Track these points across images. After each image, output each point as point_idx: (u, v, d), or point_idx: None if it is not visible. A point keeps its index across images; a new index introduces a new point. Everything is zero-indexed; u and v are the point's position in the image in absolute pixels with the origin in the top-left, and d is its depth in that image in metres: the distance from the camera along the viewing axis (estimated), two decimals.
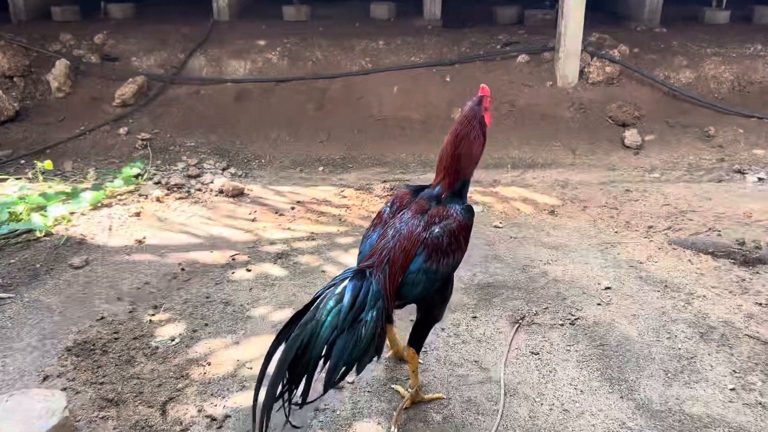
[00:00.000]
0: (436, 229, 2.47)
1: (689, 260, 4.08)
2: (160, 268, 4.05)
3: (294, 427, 2.50)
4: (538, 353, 3.16)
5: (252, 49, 7.61)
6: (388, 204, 2.67)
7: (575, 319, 3.42)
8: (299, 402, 2.35)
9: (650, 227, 4.54)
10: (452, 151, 2.59)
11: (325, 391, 2.34)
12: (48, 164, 5.20)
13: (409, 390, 2.80)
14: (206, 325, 3.44)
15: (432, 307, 2.62)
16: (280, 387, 2.25)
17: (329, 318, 2.25)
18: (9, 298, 3.70)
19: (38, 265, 4.05)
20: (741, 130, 6.27)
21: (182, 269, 4.04)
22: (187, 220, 4.73)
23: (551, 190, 5.24)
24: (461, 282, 3.79)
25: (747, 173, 5.50)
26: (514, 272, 3.91)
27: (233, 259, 4.16)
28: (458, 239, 2.51)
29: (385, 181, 5.48)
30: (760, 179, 5.37)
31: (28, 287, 3.82)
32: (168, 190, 5.19)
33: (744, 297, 3.64)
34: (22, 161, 5.93)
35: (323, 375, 2.32)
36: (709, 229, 4.48)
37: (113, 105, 6.93)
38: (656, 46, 7.58)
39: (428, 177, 5.56)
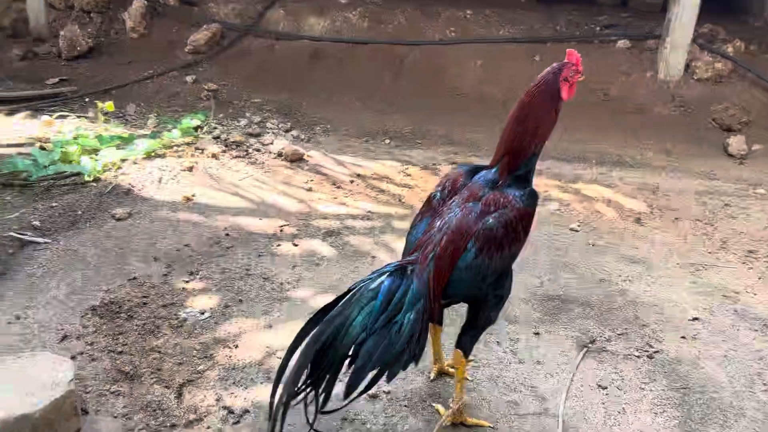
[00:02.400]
0: (490, 220, 2.17)
1: None
2: (204, 231, 3.79)
3: None
4: (607, 387, 2.73)
5: (332, 6, 7.23)
6: (439, 188, 2.37)
7: (654, 352, 2.96)
8: (323, 409, 2.12)
9: (750, 252, 3.97)
10: (514, 127, 2.25)
11: (347, 394, 2.07)
12: (109, 105, 5.02)
13: (451, 405, 2.43)
14: (240, 301, 3.16)
15: (485, 307, 2.30)
16: (298, 385, 2.03)
17: (360, 316, 2.04)
18: (45, 243, 3.52)
19: (80, 212, 3.85)
20: None
21: (226, 234, 3.77)
22: (241, 182, 4.46)
23: (639, 194, 4.70)
24: (525, 289, 3.37)
25: None
26: (588, 286, 3.46)
27: (281, 230, 3.87)
28: (516, 230, 2.21)
29: (453, 163, 5.05)
30: None
31: (66, 234, 3.63)
32: (225, 146, 4.92)
33: None
34: (87, 99, 5.78)
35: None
36: None
37: (185, 51, 6.72)
38: None
39: None
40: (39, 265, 3.34)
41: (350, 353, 2.05)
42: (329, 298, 3.16)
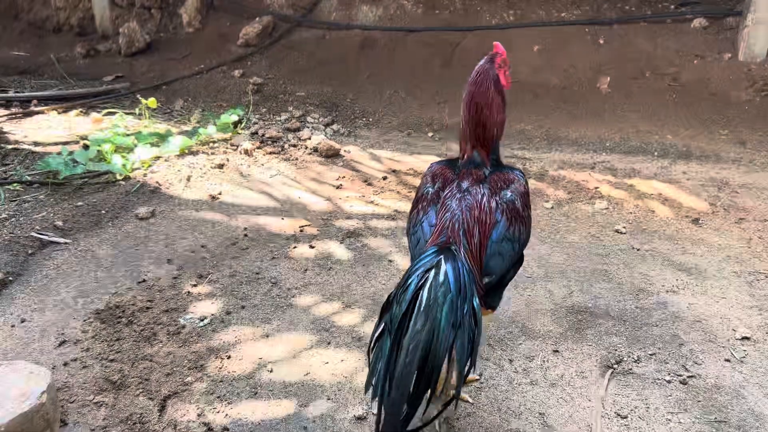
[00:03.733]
0: (509, 194, 2.20)
1: None
2: (223, 231, 3.71)
3: None
4: (626, 417, 2.41)
5: None
6: (427, 184, 2.31)
7: (689, 377, 2.60)
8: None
9: None
10: (475, 120, 2.28)
11: (449, 403, 1.98)
12: (152, 102, 5.05)
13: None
14: (243, 307, 3.04)
15: (501, 285, 2.26)
16: (403, 413, 1.84)
17: (443, 315, 1.84)
18: (65, 243, 3.55)
19: (104, 211, 3.87)
20: None
21: (245, 235, 3.67)
22: (271, 179, 4.35)
23: (702, 190, 4.23)
24: (551, 300, 3.07)
25: None
26: (624, 298, 3.11)
27: (301, 231, 3.73)
28: (526, 202, 2.25)
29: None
30: None
31: (87, 234, 3.64)
32: (261, 142, 4.84)
33: None
34: (138, 95, 5.86)
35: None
36: None
37: (237, 44, 6.71)
38: None
39: (554, 157, 4.75)
40: (55, 266, 3.35)
41: (446, 361, 1.86)
42: (334, 307, 3.05)
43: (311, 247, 3.55)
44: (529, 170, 4.51)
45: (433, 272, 1.91)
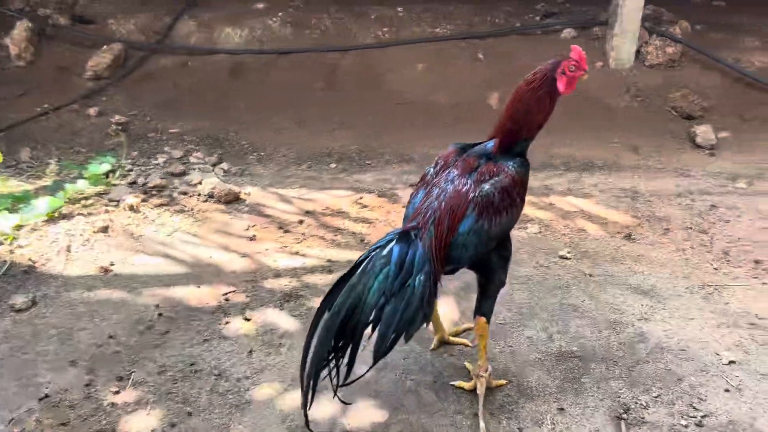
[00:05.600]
0: (486, 186, 2.28)
1: None
2: (131, 312, 3.06)
3: (343, 402, 2.32)
4: None
5: (249, 13, 6.50)
6: (432, 165, 2.46)
7: (702, 417, 2.48)
8: (344, 380, 2.22)
9: (757, 262, 3.58)
10: (509, 109, 2.37)
11: (375, 361, 2.20)
12: None
13: (480, 374, 2.51)
14: (189, 414, 2.47)
15: (492, 270, 2.42)
16: (325, 357, 2.14)
17: (377, 282, 2.14)
18: None
19: None
20: None
21: (159, 314, 3.05)
22: (169, 238, 3.72)
23: (619, 202, 4.25)
24: (536, 348, 2.83)
25: None
26: (602, 333, 2.95)
27: (226, 300, 3.18)
28: (511, 195, 2.31)
29: (411, 185, 4.47)
30: None
31: None
32: (145, 194, 4.16)
33: None
34: None
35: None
36: None
37: (84, 78, 5.84)
38: (719, 23, 6.53)
39: None
40: None
41: (371, 319, 2.14)
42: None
43: (247, 319, 3.03)
44: None
45: (379, 250, 2.19)
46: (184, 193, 4.22)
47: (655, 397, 2.57)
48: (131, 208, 3.94)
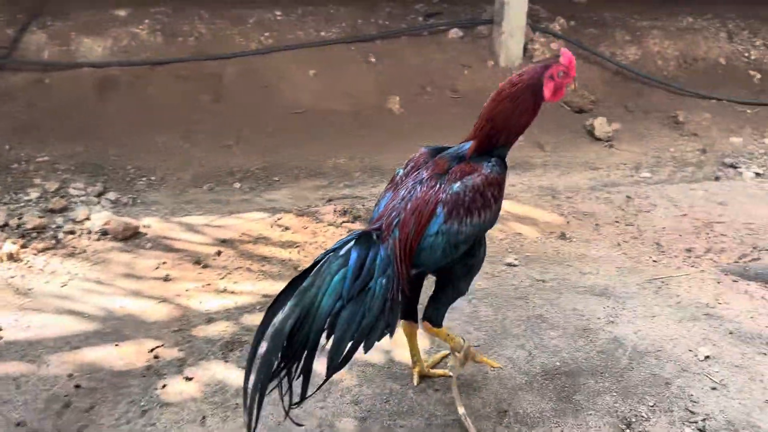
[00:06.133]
0: (456, 185, 2.13)
1: (764, 298, 3.23)
2: (39, 389, 2.48)
3: (296, 425, 2.07)
4: None
5: (110, 21, 5.82)
6: (402, 166, 2.31)
7: (702, 420, 2.40)
8: (299, 399, 1.99)
9: (688, 250, 3.66)
10: (486, 113, 2.21)
11: (329, 373, 1.97)
12: None
13: (455, 360, 2.40)
14: None
15: (453, 278, 2.27)
16: (273, 367, 1.89)
17: (332, 285, 1.96)
18: None
19: None
20: (707, 115, 5.65)
21: (76, 386, 2.50)
22: (65, 289, 3.13)
23: (542, 201, 4.20)
24: (519, 370, 2.63)
25: (739, 167, 4.84)
26: (578, 343, 2.81)
27: (156, 358, 2.68)
28: (484, 195, 2.14)
29: (330, 200, 4.15)
30: (757, 174, 4.72)
31: None
32: (23, 237, 3.49)
33: None
34: None
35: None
36: (753, 248, 3.69)
37: None
38: (590, 18, 6.80)
39: (375, 190, 4.31)
40: None
41: (326, 326, 1.94)
42: None
43: (188, 379, 2.56)
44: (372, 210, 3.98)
45: (338, 251, 2.02)
46: (71, 233, 3.60)
47: (652, 407, 2.46)
48: (10, 257, 3.27)
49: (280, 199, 4.17)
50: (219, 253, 3.50)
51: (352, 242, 2.05)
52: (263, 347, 1.89)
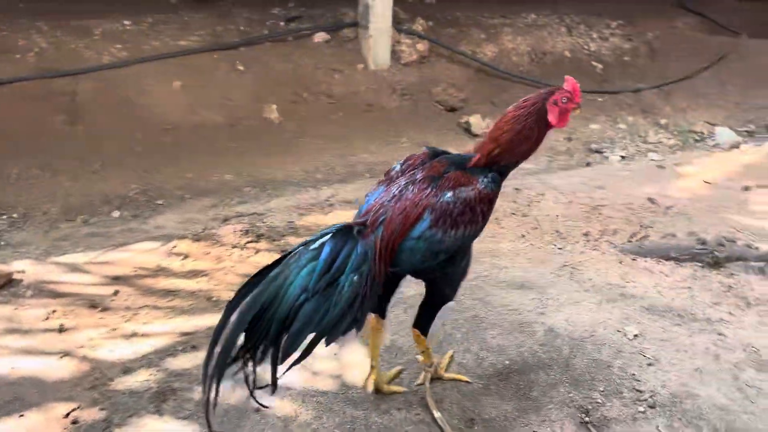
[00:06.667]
0: (448, 194, 2.13)
1: (662, 272, 3.49)
2: None
3: (261, 405, 2.07)
4: None
5: None
6: (399, 163, 2.29)
7: (649, 397, 2.52)
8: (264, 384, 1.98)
9: (586, 234, 3.87)
10: (495, 131, 2.23)
11: (282, 360, 1.94)
12: None
13: (426, 369, 2.47)
14: None
15: (436, 283, 2.32)
16: (233, 352, 1.89)
17: (299, 278, 1.95)
18: None
19: None
20: None
21: None
22: None
23: None
24: (474, 374, 2.60)
25: (604, 152, 5.22)
26: (518, 339, 2.84)
27: (74, 423, 2.33)
28: (474, 210, 2.16)
29: (226, 220, 3.88)
30: (622, 158, 5.11)
31: None
32: None
33: (755, 309, 3.15)
34: None
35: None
36: (641, 226, 3.97)
37: None
38: (445, 18, 7.01)
39: (281, 204, 4.12)
40: None
41: (287, 316, 1.93)
42: None
43: None
44: (275, 227, 3.78)
45: (312, 243, 2.01)
46: None
47: (602, 392, 2.54)
48: None
49: (169, 224, 3.83)
50: (116, 293, 3.13)
51: (329, 236, 2.04)
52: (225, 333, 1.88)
